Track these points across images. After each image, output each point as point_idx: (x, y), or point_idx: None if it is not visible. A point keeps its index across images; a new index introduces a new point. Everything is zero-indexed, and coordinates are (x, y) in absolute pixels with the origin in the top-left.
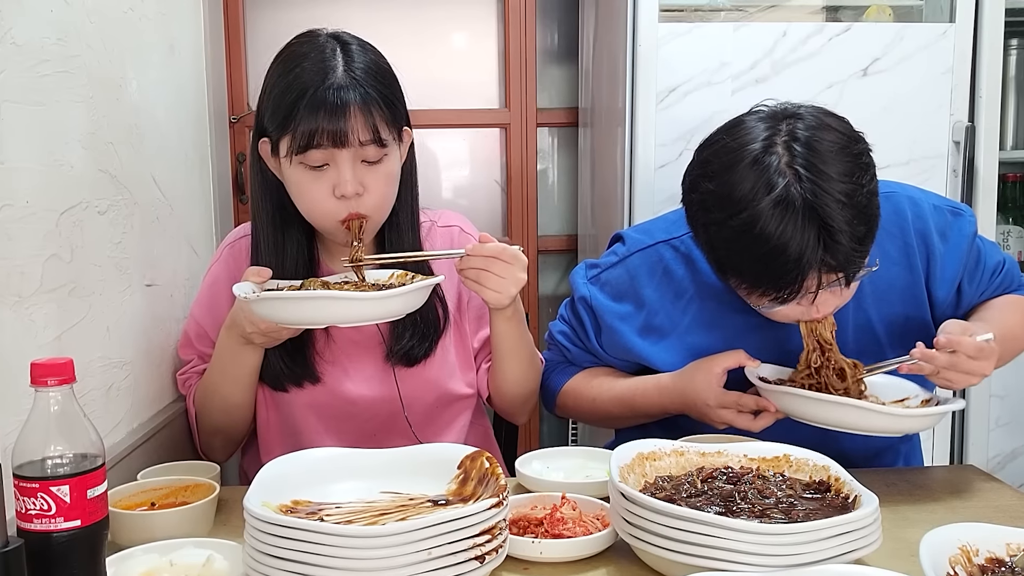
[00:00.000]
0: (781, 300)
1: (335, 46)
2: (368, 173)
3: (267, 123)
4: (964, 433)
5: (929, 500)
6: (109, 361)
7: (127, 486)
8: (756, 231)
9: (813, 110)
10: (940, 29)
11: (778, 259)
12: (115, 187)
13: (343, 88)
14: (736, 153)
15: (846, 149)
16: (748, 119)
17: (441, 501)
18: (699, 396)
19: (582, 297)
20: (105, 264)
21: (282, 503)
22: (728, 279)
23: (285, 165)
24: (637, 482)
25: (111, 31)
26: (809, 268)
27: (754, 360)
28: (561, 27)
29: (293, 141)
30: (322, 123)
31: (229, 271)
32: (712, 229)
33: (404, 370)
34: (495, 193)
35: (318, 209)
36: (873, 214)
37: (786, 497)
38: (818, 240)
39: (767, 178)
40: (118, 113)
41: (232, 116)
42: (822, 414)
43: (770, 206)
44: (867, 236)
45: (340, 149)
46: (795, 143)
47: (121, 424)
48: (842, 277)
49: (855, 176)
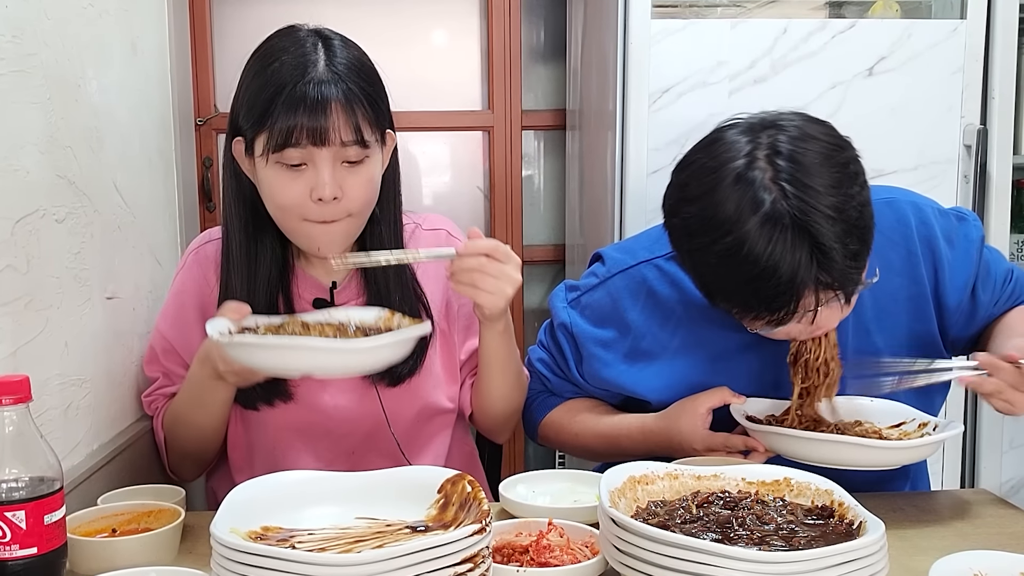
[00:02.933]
0: (776, 323)
1: (316, 41)
2: (348, 176)
3: (242, 121)
4: (975, 456)
5: (938, 526)
6: (67, 379)
7: (87, 511)
8: (744, 253)
9: (794, 118)
10: (950, 26)
11: (770, 281)
12: (74, 194)
13: (324, 83)
14: (717, 173)
15: (831, 159)
16: (726, 134)
17: (420, 527)
18: (684, 439)
19: (562, 323)
20: (63, 276)
21: (251, 529)
22: (718, 304)
23: (260, 165)
24: (628, 507)
25: (69, 28)
26: (803, 288)
27: (739, 397)
28: (547, 24)
29: (270, 139)
30: (301, 119)
31: (195, 280)
32: (697, 255)
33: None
34: (477, 200)
35: (293, 211)
36: (866, 226)
37: (787, 523)
38: (811, 258)
39: (752, 195)
40: (77, 115)
41: (198, 118)
42: (813, 452)
43: (757, 226)
44: (861, 250)
45: (320, 148)
46: (777, 157)
47: (80, 445)
48: (840, 294)
49: (843, 187)
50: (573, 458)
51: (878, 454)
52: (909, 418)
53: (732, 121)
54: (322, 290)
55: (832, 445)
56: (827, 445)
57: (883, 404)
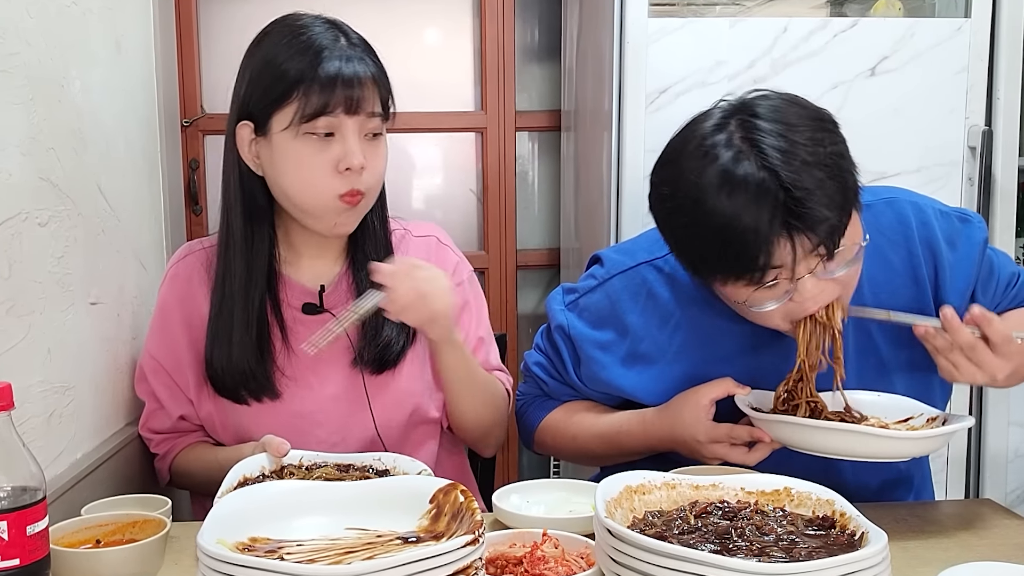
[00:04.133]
0: (756, 284)
1: (326, 22)
2: (369, 148)
3: (257, 100)
4: (980, 465)
5: (942, 537)
6: (50, 386)
7: (70, 522)
8: (707, 207)
9: (780, 93)
10: (955, 24)
11: (735, 233)
12: (57, 196)
13: (354, 57)
14: (686, 139)
15: (810, 118)
16: (712, 109)
17: (411, 538)
18: (687, 431)
19: (559, 325)
20: (46, 280)
21: (239, 540)
22: (700, 277)
23: (281, 141)
24: (625, 517)
25: (52, 27)
26: (773, 236)
27: (743, 387)
28: (542, 23)
29: (301, 108)
30: (339, 89)
31: (178, 295)
32: (670, 222)
33: (375, 380)
34: (470, 203)
35: (318, 184)
36: (842, 174)
37: (787, 534)
38: (777, 203)
39: (713, 153)
40: (60, 116)
41: (184, 120)
42: (820, 442)
43: (715, 177)
44: (836, 197)
45: (351, 117)
46: (752, 117)
47: (64, 454)
48: (820, 248)
49: (820, 141)
50: (568, 467)
51: (888, 444)
52: (917, 413)
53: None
54: (310, 295)
55: (841, 434)
56: (836, 434)
57: (890, 400)
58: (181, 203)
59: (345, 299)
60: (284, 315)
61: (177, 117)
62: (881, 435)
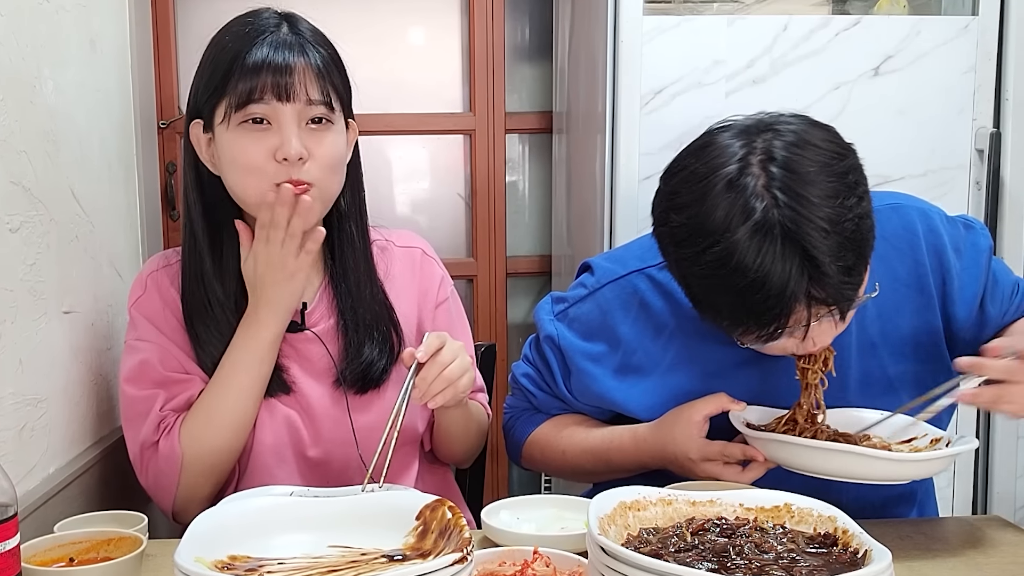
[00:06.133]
0: (767, 338)
1: (278, 16)
2: (311, 136)
3: (200, 96)
4: (988, 480)
5: (948, 555)
6: (22, 398)
7: (43, 539)
8: (733, 264)
9: (792, 121)
10: (962, 23)
11: (759, 293)
12: (28, 201)
13: (288, 43)
14: (707, 179)
15: (829, 167)
16: (718, 137)
17: (397, 556)
18: (679, 449)
19: (548, 336)
20: (17, 288)
21: (218, 559)
22: (707, 317)
23: (221, 135)
24: (619, 535)
25: (23, 24)
26: (794, 302)
27: (738, 403)
28: (533, 21)
29: (233, 97)
30: (264, 74)
31: (161, 297)
32: (685, 265)
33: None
34: (458, 208)
35: (255, 174)
36: (863, 239)
37: (787, 552)
38: (802, 272)
39: (743, 203)
40: (32, 117)
41: (161, 121)
42: (818, 463)
43: (747, 235)
44: (857, 265)
45: (284, 103)
46: (771, 163)
47: (36, 469)
48: (834, 311)
49: (841, 198)
50: (560, 483)
51: (889, 466)
52: (920, 433)
53: (726, 123)
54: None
55: (840, 455)
56: (834, 455)
57: (893, 419)
58: (158, 208)
59: (327, 316)
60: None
61: (154, 119)
62: (884, 457)
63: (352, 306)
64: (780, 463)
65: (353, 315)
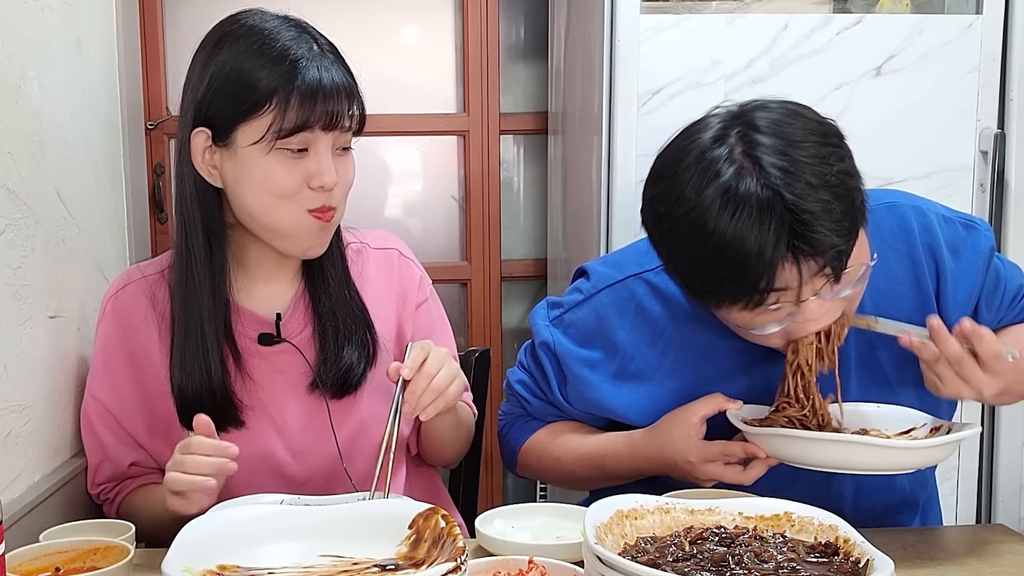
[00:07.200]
0: (755, 304)
1: (295, 28)
2: (339, 163)
3: (220, 109)
4: (992, 488)
5: (952, 565)
6: (7, 404)
7: (27, 548)
8: (710, 229)
9: (782, 102)
10: (965, 22)
11: (738, 254)
12: (13, 204)
13: (329, 67)
14: (683, 151)
15: (814, 133)
16: (708, 117)
17: (390, 566)
18: (678, 452)
19: (544, 342)
20: (2, 293)
21: (206, 568)
22: (697, 299)
23: (246, 155)
24: (616, 544)
25: (9, 23)
26: (778, 260)
27: (734, 401)
28: (528, 20)
29: (275, 123)
30: (319, 104)
31: (119, 327)
32: (667, 241)
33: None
34: (452, 210)
35: (287, 201)
36: (850, 194)
37: (788, 561)
38: (783, 226)
39: (715, 169)
40: (17, 118)
41: (149, 122)
42: (819, 455)
43: (718, 196)
44: (846, 216)
45: (327, 133)
46: (753, 131)
47: (21, 477)
48: (826, 269)
49: (826, 158)
50: (555, 491)
51: (890, 455)
52: (919, 423)
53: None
54: (265, 324)
55: (840, 446)
56: (834, 446)
57: (890, 411)
58: (145, 210)
59: (303, 326)
60: (240, 348)
61: (141, 119)
62: (882, 445)
63: (331, 311)
64: (781, 458)
65: (333, 321)
